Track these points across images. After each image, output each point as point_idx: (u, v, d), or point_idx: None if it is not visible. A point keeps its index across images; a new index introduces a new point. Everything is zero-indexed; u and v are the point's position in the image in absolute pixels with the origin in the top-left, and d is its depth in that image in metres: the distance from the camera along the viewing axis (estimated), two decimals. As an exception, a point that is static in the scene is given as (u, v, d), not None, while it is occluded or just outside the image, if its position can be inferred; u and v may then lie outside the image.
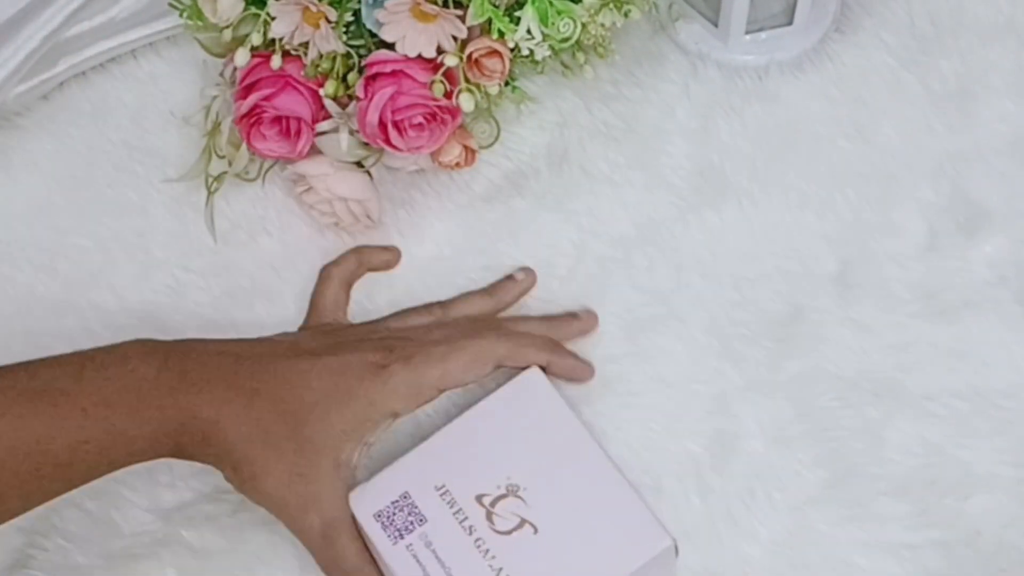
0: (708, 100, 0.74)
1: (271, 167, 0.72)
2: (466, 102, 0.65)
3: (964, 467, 0.64)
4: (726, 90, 0.74)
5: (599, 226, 0.71)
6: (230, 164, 0.70)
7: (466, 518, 0.59)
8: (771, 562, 0.63)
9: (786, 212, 0.71)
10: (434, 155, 0.69)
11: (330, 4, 0.64)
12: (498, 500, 0.59)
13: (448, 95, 0.65)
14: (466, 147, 0.70)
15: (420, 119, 0.66)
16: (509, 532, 0.59)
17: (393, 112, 0.65)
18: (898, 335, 0.68)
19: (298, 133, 0.67)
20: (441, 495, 0.60)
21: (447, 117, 0.66)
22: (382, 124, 0.65)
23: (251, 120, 0.67)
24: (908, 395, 0.66)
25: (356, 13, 0.65)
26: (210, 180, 0.70)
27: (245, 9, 0.66)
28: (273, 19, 0.65)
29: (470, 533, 0.59)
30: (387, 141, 0.66)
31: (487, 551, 0.58)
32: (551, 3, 0.64)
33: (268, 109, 0.66)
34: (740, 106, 0.74)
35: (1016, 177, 0.71)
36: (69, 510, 0.65)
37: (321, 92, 0.67)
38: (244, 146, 0.69)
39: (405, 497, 0.60)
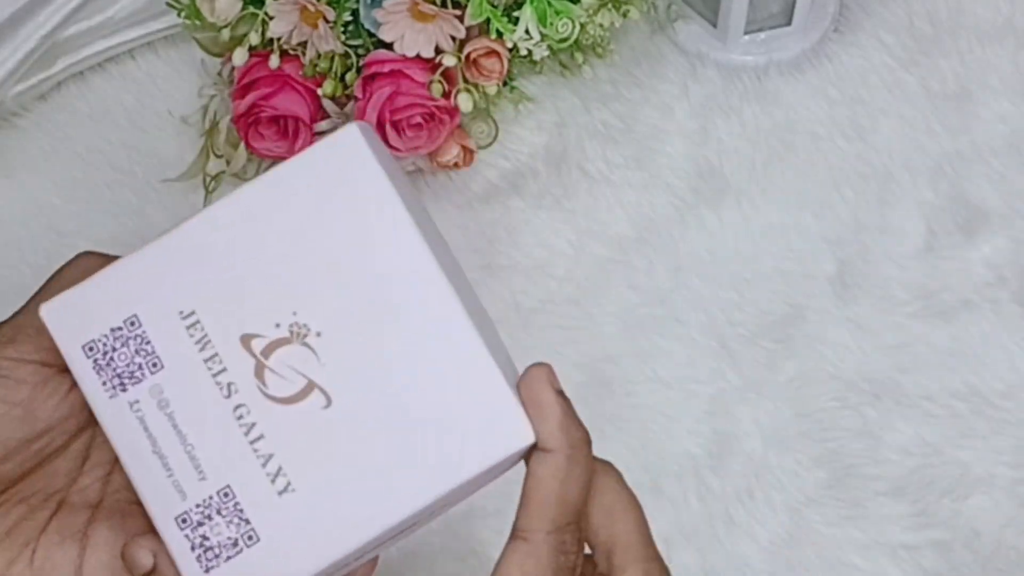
0: (707, 100, 0.74)
1: (269, 167, 0.72)
2: (464, 102, 0.65)
3: (962, 467, 0.64)
4: (725, 90, 0.74)
5: (597, 226, 0.71)
6: (228, 164, 0.70)
7: (224, 369, 0.38)
8: (769, 563, 0.63)
9: (785, 212, 0.71)
10: (432, 155, 0.69)
11: (328, 4, 0.64)
12: (276, 346, 0.38)
13: (446, 95, 0.65)
14: (464, 147, 0.70)
15: (418, 119, 0.66)
16: (288, 400, 0.38)
17: (391, 112, 0.65)
18: (896, 335, 0.68)
19: (296, 133, 0.67)
20: (189, 327, 0.38)
21: (445, 117, 0.66)
22: (380, 124, 0.65)
23: (249, 119, 0.67)
24: (906, 396, 0.66)
25: (354, 13, 0.65)
26: (208, 180, 0.70)
27: (243, 8, 0.66)
28: (271, 18, 0.65)
29: (228, 394, 0.38)
30: (385, 141, 0.66)
31: (251, 427, 0.38)
32: (550, 3, 0.64)
33: (266, 109, 0.66)
34: (739, 106, 0.74)
35: (1015, 178, 0.71)
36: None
37: (319, 92, 0.67)
38: (242, 146, 0.69)
39: (133, 324, 0.38)
